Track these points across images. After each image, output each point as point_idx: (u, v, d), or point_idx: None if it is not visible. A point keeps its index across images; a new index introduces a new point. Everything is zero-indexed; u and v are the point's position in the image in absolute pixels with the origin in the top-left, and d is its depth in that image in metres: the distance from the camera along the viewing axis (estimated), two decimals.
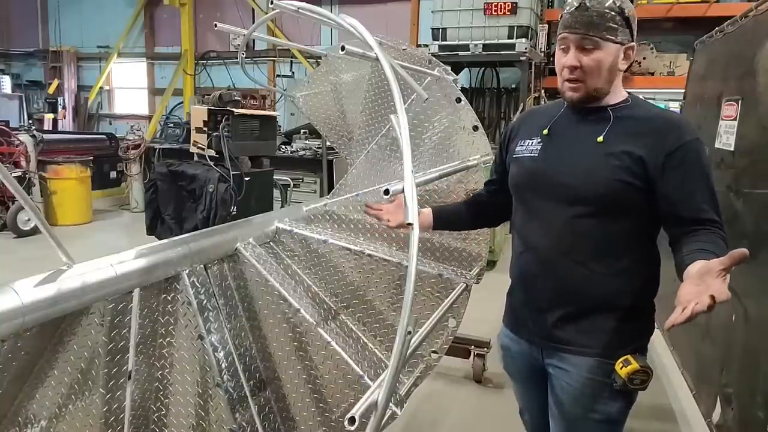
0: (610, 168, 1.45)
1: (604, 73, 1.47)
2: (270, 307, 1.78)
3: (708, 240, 1.35)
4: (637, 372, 1.44)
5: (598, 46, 1.44)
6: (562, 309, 1.55)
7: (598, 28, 1.43)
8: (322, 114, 2.82)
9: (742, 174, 2.36)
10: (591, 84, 1.47)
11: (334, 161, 7.05)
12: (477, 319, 2.82)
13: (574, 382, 1.55)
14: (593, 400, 1.53)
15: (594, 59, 1.45)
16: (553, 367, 1.60)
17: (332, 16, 1.31)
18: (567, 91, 1.51)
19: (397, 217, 1.73)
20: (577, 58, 1.45)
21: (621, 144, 1.46)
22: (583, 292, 1.52)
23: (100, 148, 8.76)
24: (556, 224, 1.53)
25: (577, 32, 1.44)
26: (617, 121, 1.50)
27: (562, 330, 1.55)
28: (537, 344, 1.64)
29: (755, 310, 2.08)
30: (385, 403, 0.96)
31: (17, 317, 1.11)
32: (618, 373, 1.46)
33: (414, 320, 0.96)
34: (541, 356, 1.63)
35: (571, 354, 1.55)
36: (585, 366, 1.53)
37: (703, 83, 3.32)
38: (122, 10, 12.04)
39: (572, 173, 1.50)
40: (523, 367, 1.74)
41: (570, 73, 1.47)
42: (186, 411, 1.55)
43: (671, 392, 3.36)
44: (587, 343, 1.52)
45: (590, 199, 1.47)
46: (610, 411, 1.54)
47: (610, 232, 1.49)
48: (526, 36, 7.22)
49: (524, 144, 1.65)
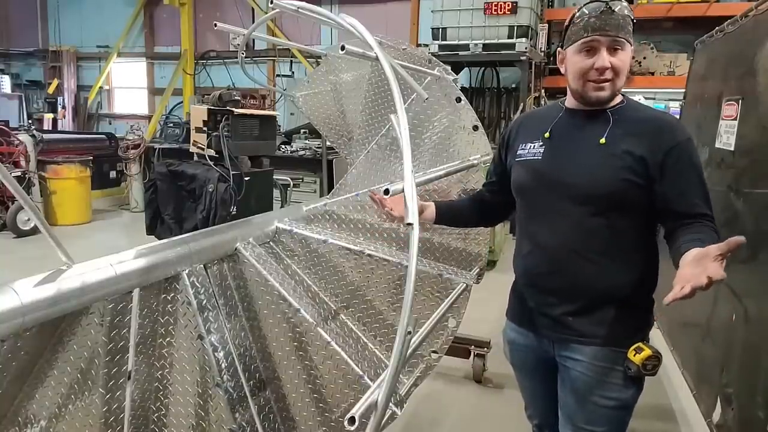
0: (614, 168, 1.53)
1: (626, 74, 1.56)
2: (270, 307, 1.78)
3: (701, 232, 1.43)
4: (650, 357, 1.52)
5: (623, 48, 1.53)
6: (574, 303, 1.61)
7: (624, 30, 1.51)
8: (322, 114, 2.81)
9: (742, 174, 2.36)
10: (618, 84, 1.56)
11: (334, 161, 7.05)
12: (477, 319, 2.82)
13: (588, 371, 1.61)
14: (608, 388, 1.60)
15: (621, 60, 1.53)
16: (565, 358, 1.66)
17: (332, 15, 1.31)
18: (592, 91, 1.56)
19: (399, 208, 1.74)
20: (608, 59, 1.52)
21: (622, 144, 1.54)
22: (594, 286, 1.59)
23: (100, 148, 8.75)
24: (565, 223, 1.60)
25: (609, 35, 1.50)
26: (616, 123, 1.58)
27: (575, 322, 1.62)
28: (548, 337, 1.69)
29: (755, 310, 2.08)
30: (385, 403, 0.96)
31: (17, 317, 1.11)
32: (632, 360, 1.54)
33: (414, 320, 0.97)
34: (552, 349, 1.69)
35: (583, 345, 1.61)
36: (599, 355, 1.60)
37: (703, 83, 3.32)
38: (122, 10, 12.03)
39: (578, 174, 1.58)
40: (529, 359, 1.80)
41: (600, 74, 1.53)
42: (186, 411, 1.55)
43: (671, 392, 3.36)
44: (599, 333, 1.59)
45: (597, 198, 1.55)
46: (625, 397, 1.61)
47: (618, 229, 1.56)
48: (526, 36, 7.22)
49: (526, 147, 1.71)
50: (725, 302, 2.38)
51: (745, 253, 2.13)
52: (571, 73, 1.60)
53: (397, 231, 2.11)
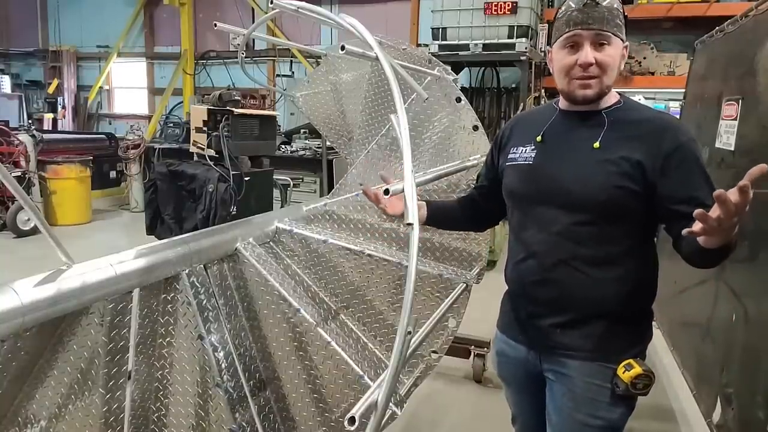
0: (608, 175, 1.43)
1: (615, 71, 1.46)
2: (270, 307, 1.78)
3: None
4: (640, 376, 1.43)
5: (610, 42, 1.43)
6: (563, 315, 1.53)
7: (610, 24, 1.42)
8: (322, 114, 2.81)
9: (742, 174, 2.34)
10: (606, 81, 1.46)
11: (334, 161, 7.05)
12: (477, 319, 2.81)
13: (575, 387, 1.53)
14: (595, 406, 1.51)
15: (608, 55, 1.43)
16: (553, 372, 1.59)
17: (332, 15, 1.31)
18: (578, 89, 1.47)
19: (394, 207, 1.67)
20: (592, 54, 1.42)
21: (618, 149, 1.44)
22: (583, 298, 1.51)
23: (100, 147, 8.76)
24: (555, 231, 1.51)
25: (592, 28, 1.41)
26: (612, 125, 1.48)
27: (563, 335, 1.54)
28: (536, 350, 1.62)
29: (755, 310, 2.08)
30: (385, 403, 0.96)
31: (17, 317, 1.11)
32: (620, 378, 1.44)
33: (414, 320, 0.96)
34: (539, 362, 1.62)
35: (571, 359, 1.53)
36: (586, 371, 1.51)
37: (703, 83, 3.32)
38: (122, 10, 12.03)
39: (570, 180, 1.49)
40: (518, 372, 1.72)
41: (584, 71, 1.44)
42: (186, 411, 1.55)
43: (671, 392, 3.37)
44: (588, 347, 1.51)
45: (589, 207, 1.46)
46: (612, 417, 1.51)
47: (610, 238, 1.48)
48: (526, 36, 7.22)
49: (517, 151, 1.63)
50: (725, 302, 2.38)
51: (745, 253, 2.13)
52: (556, 71, 1.52)
53: (397, 231, 2.11)
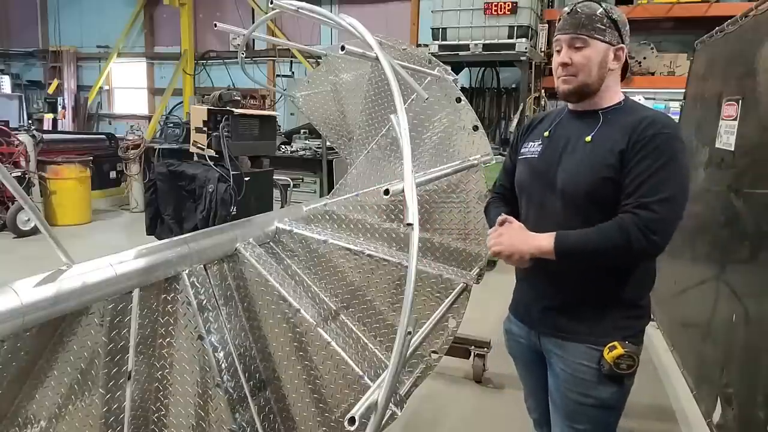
0: (595, 166, 1.56)
1: (594, 69, 1.60)
2: (270, 307, 1.78)
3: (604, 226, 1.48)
4: (622, 356, 1.55)
5: (586, 44, 1.59)
6: (556, 299, 1.67)
7: (586, 28, 1.58)
8: (322, 114, 2.81)
9: (742, 174, 2.36)
10: (581, 79, 1.60)
11: (334, 161, 7.04)
12: (477, 319, 2.82)
13: (567, 367, 1.66)
14: (585, 385, 1.63)
15: (583, 56, 1.59)
16: (550, 353, 1.72)
17: (332, 15, 1.31)
18: (561, 85, 1.65)
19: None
20: (568, 56, 1.60)
21: (607, 143, 1.57)
22: (572, 283, 1.63)
23: (100, 148, 8.75)
24: (551, 220, 1.63)
25: (567, 32, 1.60)
26: (606, 122, 1.61)
27: (557, 318, 1.67)
28: (536, 330, 1.76)
29: (755, 310, 2.08)
30: (385, 404, 0.96)
31: (17, 317, 1.11)
32: (605, 358, 1.57)
33: (414, 320, 0.97)
34: (539, 341, 1.75)
35: (565, 340, 1.66)
36: (577, 352, 1.64)
37: (703, 83, 3.32)
38: (122, 10, 12.03)
39: (563, 171, 1.63)
40: (524, 349, 1.85)
41: (562, 70, 1.62)
42: (186, 411, 1.55)
43: (671, 392, 3.36)
44: (578, 330, 1.64)
45: (579, 197, 1.59)
46: (602, 396, 1.62)
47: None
48: (526, 36, 7.22)
49: (528, 146, 1.77)
50: (725, 302, 2.38)
51: (746, 253, 2.13)
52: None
53: (397, 231, 2.11)
